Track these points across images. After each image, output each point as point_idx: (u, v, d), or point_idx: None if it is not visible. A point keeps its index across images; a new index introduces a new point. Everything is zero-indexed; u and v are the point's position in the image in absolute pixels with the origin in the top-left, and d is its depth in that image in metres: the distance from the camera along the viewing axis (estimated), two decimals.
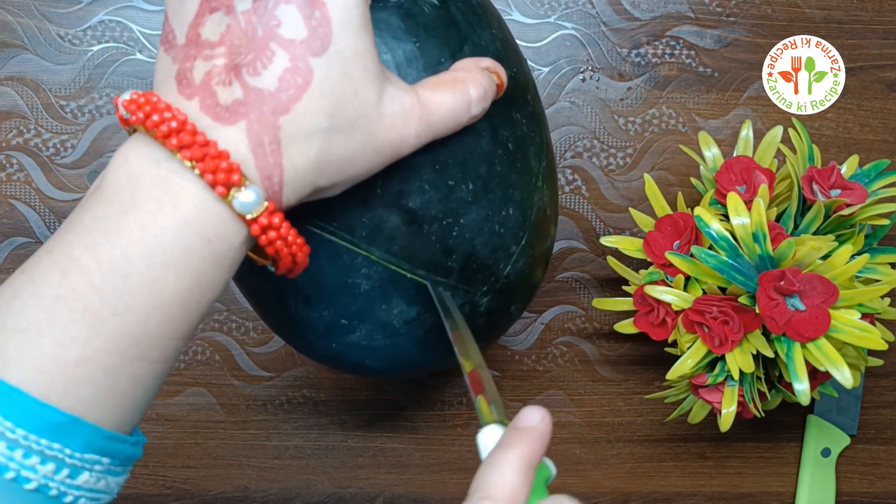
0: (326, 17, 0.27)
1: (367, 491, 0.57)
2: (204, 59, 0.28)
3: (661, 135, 0.55)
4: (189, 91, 0.28)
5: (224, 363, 0.56)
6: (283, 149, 0.27)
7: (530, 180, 0.38)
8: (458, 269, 0.37)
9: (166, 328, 0.28)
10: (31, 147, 0.54)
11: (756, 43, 0.54)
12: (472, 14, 0.36)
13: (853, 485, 0.58)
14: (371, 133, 0.29)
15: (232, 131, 0.27)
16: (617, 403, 0.57)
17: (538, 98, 0.40)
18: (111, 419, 0.28)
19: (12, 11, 0.53)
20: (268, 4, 0.27)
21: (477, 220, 0.36)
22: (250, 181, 0.27)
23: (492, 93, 0.33)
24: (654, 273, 0.49)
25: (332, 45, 0.27)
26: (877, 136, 0.55)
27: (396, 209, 0.34)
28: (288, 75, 0.27)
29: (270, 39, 0.27)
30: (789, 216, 0.47)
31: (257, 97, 0.27)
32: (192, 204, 0.27)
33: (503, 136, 0.36)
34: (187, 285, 0.27)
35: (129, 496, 0.56)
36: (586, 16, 0.54)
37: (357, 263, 0.35)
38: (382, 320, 0.37)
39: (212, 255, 0.28)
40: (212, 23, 0.28)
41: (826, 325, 0.43)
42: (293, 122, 0.27)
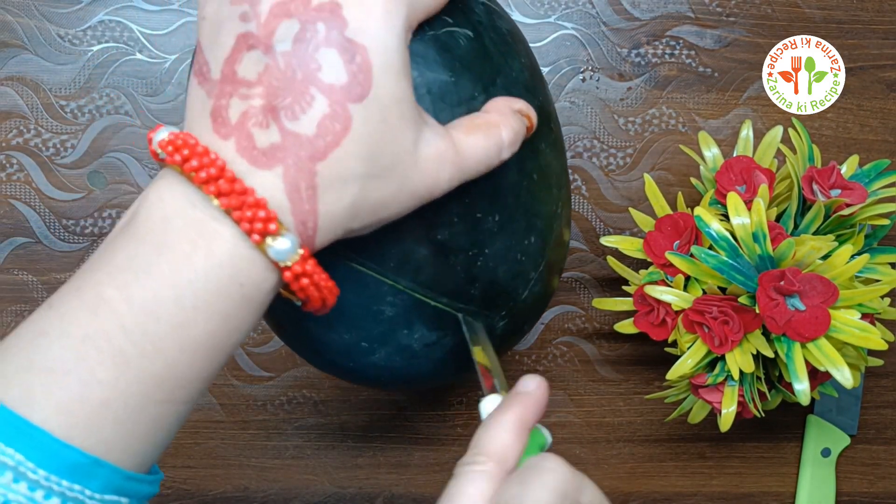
0: (367, 62, 0.27)
1: (366, 491, 0.57)
2: (241, 97, 0.27)
3: (661, 135, 0.55)
4: (225, 131, 0.27)
5: None
6: (318, 195, 0.27)
7: (552, 208, 0.38)
8: (480, 297, 0.37)
9: (193, 370, 0.28)
10: (31, 147, 0.54)
11: (756, 43, 0.54)
12: (504, 45, 0.35)
13: (853, 485, 0.58)
14: (406, 178, 0.29)
15: (269, 176, 0.27)
16: (617, 403, 0.57)
17: (558, 123, 0.40)
18: (132, 460, 0.28)
19: (12, 11, 0.53)
20: (308, 47, 0.27)
21: (501, 250, 0.36)
22: (285, 228, 0.27)
23: (521, 136, 0.33)
24: (654, 273, 0.49)
25: (371, 91, 0.27)
26: (877, 136, 0.55)
27: (426, 241, 0.34)
28: (327, 121, 0.27)
29: (310, 83, 0.27)
30: (789, 216, 0.47)
31: (295, 142, 0.27)
32: (226, 249, 0.27)
33: (529, 167, 0.36)
34: (216, 328, 0.27)
35: None
36: (586, 16, 0.54)
37: (383, 292, 0.35)
38: (403, 344, 0.37)
39: (242, 298, 0.27)
40: (249, 61, 0.27)
41: (826, 325, 0.43)
42: (330, 169, 0.27)
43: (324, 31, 0.27)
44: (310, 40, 0.27)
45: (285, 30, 0.27)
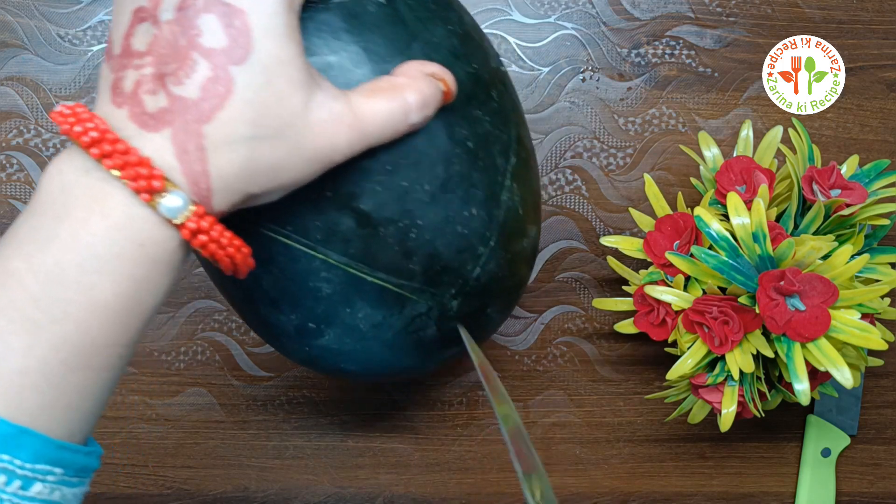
0: (246, 25, 0.28)
1: (367, 491, 0.57)
2: (134, 68, 0.29)
3: (661, 135, 0.55)
4: (120, 100, 0.29)
5: (224, 363, 0.56)
6: (208, 156, 0.28)
7: (496, 179, 0.37)
8: (421, 272, 0.36)
9: (107, 335, 0.28)
10: (31, 147, 0.54)
11: (756, 43, 0.54)
12: (425, 10, 0.35)
13: (853, 485, 0.58)
14: (298, 141, 0.29)
15: (157, 138, 0.28)
16: (617, 403, 0.57)
17: (507, 94, 0.39)
18: (60, 429, 0.28)
19: (12, 11, 0.53)
20: (188, 13, 0.28)
21: (436, 222, 0.36)
22: (177, 186, 0.28)
23: (435, 100, 0.33)
24: (654, 273, 0.49)
25: (252, 53, 0.28)
26: (877, 136, 0.55)
27: (348, 211, 0.34)
28: (209, 84, 0.28)
29: (192, 49, 0.28)
30: (789, 216, 0.47)
31: (181, 106, 0.28)
32: (121, 210, 0.27)
33: (461, 134, 0.35)
34: (125, 290, 0.28)
35: (129, 496, 0.56)
36: (586, 16, 0.54)
37: (315, 267, 0.35)
38: (349, 324, 0.37)
39: (146, 258, 0.28)
40: (141, 33, 0.29)
41: (826, 325, 0.43)
42: (216, 131, 0.28)
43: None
44: (190, 7, 0.28)
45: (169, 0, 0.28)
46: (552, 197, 0.55)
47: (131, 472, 0.56)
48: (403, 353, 0.39)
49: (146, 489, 0.56)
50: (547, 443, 0.57)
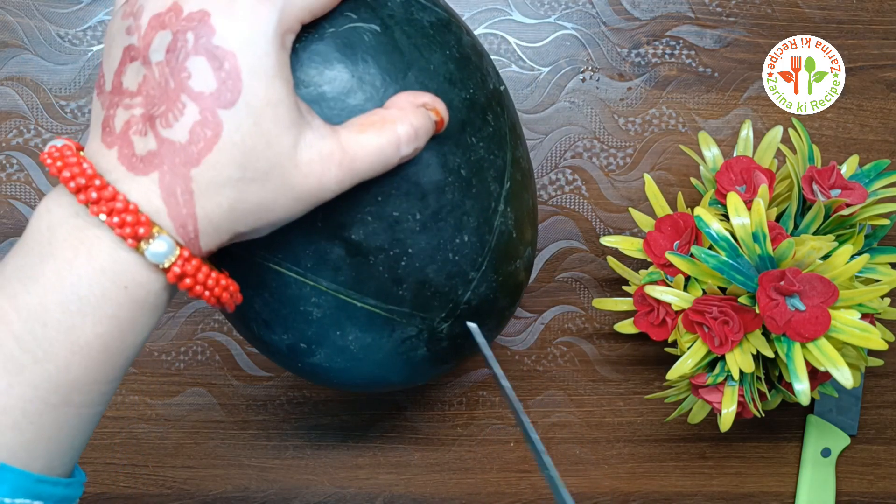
0: (236, 69, 0.27)
1: (366, 491, 0.57)
2: (124, 107, 0.29)
3: (661, 135, 0.55)
4: (110, 140, 0.29)
5: (224, 363, 0.56)
6: (195, 199, 0.28)
7: (489, 205, 0.37)
8: (411, 298, 0.36)
9: (88, 373, 0.29)
10: (31, 147, 0.54)
11: (756, 43, 0.54)
12: (422, 37, 0.35)
13: (853, 485, 0.58)
14: (287, 182, 0.29)
15: (145, 181, 0.28)
16: (617, 403, 0.57)
17: (504, 115, 0.39)
18: (39, 463, 0.28)
19: (12, 11, 0.53)
20: (178, 56, 0.28)
21: (427, 250, 0.36)
22: (163, 231, 0.28)
23: (426, 131, 0.32)
24: (654, 273, 0.49)
25: (241, 96, 0.28)
26: (877, 136, 0.55)
27: (339, 241, 0.34)
28: (198, 128, 0.28)
29: (181, 91, 0.28)
30: (789, 216, 0.47)
31: (170, 149, 0.28)
32: (107, 253, 0.28)
33: (454, 162, 0.35)
34: (106, 331, 0.28)
35: (129, 496, 0.56)
36: (586, 16, 0.54)
37: (306, 293, 0.36)
38: (339, 345, 0.37)
39: (129, 301, 0.28)
40: (131, 71, 0.29)
41: (826, 325, 0.43)
42: (204, 174, 0.28)
43: (193, 40, 0.28)
44: (180, 49, 0.28)
45: (159, 40, 0.28)
46: (552, 197, 0.55)
47: (131, 473, 0.56)
48: (394, 371, 0.39)
49: (146, 489, 0.56)
50: (547, 443, 0.57)
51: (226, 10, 0.28)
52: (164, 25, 0.28)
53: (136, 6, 0.29)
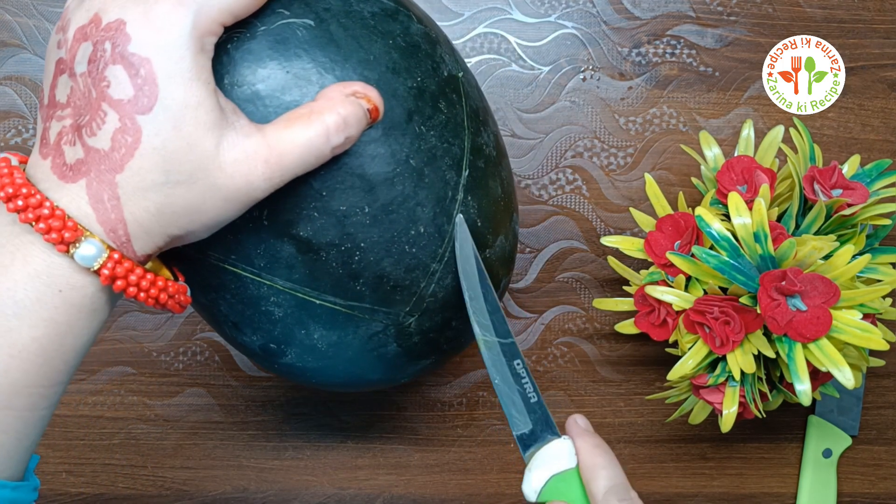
0: (152, 74, 0.28)
1: (366, 492, 0.57)
2: (57, 119, 0.30)
3: (661, 134, 0.55)
4: (45, 150, 0.30)
5: (223, 363, 0.55)
6: (122, 204, 0.29)
7: (445, 195, 0.37)
8: (370, 293, 0.36)
9: (27, 377, 0.29)
10: (29, 147, 0.54)
11: (757, 42, 0.54)
12: (362, 27, 0.35)
13: (854, 485, 0.58)
14: (213, 183, 0.29)
15: (74, 189, 0.29)
16: (618, 404, 0.57)
17: (461, 101, 0.38)
18: None
19: (11, 11, 0.53)
20: (99, 65, 0.28)
21: (381, 243, 0.35)
22: (92, 235, 0.29)
23: (356, 119, 0.32)
24: (655, 273, 0.49)
25: (158, 101, 0.28)
26: (878, 136, 0.55)
27: (287, 238, 0.34)
28: (119, 135, 0.28)
29: (102, 100, 0.28)
30: (790, 216, 0.47)
31: (95, 157, 0.29)
32: (41, 258, 0.29)
33: (401, 153, 0.35)
34: (43, 334, 0.29)
35: (128, 497, 0.56)
36: (587, 15, 0.54)
37: (264, 292, 0.36)
38: (307, 344, 0.37)
39: (65, 304, 0.29)
40: (61, 84, 0.30)
41: (827, 325, 0.43)
42: (129, 180, 0.29)
43: (110, 49, 0.28)
44: (99, 59, 0.28)
45: (83, 52, 0.29)
46: (552, 197, 0.55)
47: (130, 474, 0.56)
48: (369, 368, 0.39)
49: (145, 490, 0.56)
50: None
51: (141, 17, 0.28)
52: (87, 37, 0.29)
53: (65, 20, 0.30)
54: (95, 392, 0.55)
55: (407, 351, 0.39)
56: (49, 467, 0.56)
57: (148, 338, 0.55)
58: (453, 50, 0.40)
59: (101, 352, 0.55)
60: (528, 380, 0.38)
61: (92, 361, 0.55)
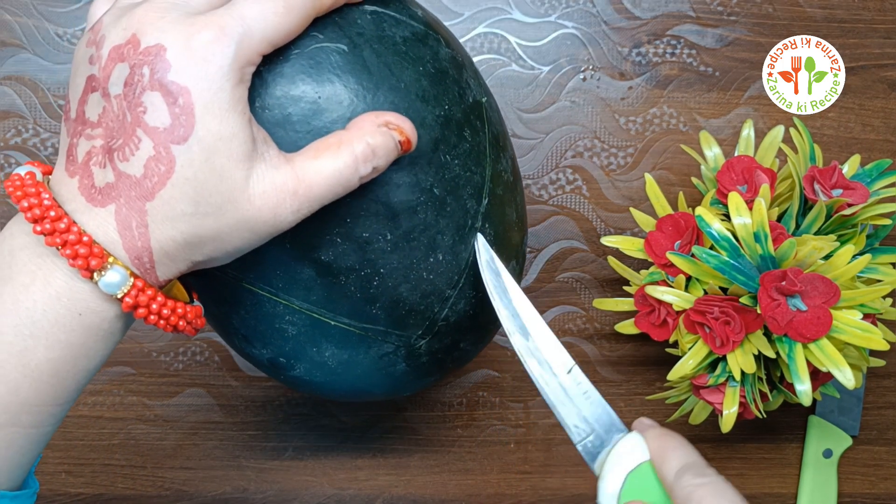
0: (189, 104, 0.28)
1: (366, 492, 0.57)
2: (86, 137, 0.29)
3: (661, 134, 0.55)
4: (73, 168, 0.30)
5: (223, 364, 0.55)
6: (150, 232, 0.29)
7: (465, 223, 0.37)
8: (385, 316, 0.36)
9: (38, 396, 0.29)
10: (29, 147, 0.54)
11: (757, 42, 0.54)
12: (393, 54, 0.34)
13: (855, 486, 0.58)
14: (241, 215, 0.29)
15: (102, 213, 0.29)
16: (618, 404, 0.57)
17: (485, 128, 0.38)
18: None
19: (11, 11, 0.53)
20: (136, 90, 0.28)
21: (399, 269, 0.35)
22: (117, 262, 0.29)
23: (386, 150, 0.32)
24: (655, 273, 0.49)
25: (194, 132, 0.28)
26: (878, 136, 0.55)
27: (309, 262, 0.34)
28: (152, 163, 0.28)
29: (137, 126, 0.28)
30: (791, 216, 0.47)
31: (126, 183, 0.28)
32: (62, 281, 0.29)
33: (426, 182, 0.35)
34: (58, 355, 0.29)
35: (127, 497, 0.56)
36: (587, 15, 0.54)
37: (280, 311, 0.36)
38: (317, 361, 0.37)
39: (83, 327, 0.29)
40: (93, 102, 0.29)
41: (828, 325, 0.43)
42: (158, 208, 0.28)
43: (148, 75, 0.28)
44: (137, 84, 0.28)
45: (118, 73, 0.28)
46: (552, 197, 0.55)
47: (129, 474, 0.56)
48: (375, 384, 0.39)
49: (144, 490, 0.56)
50: (548, 444, 0.57)
51: (182, 44, 0.28)
52: (123, 58, 0.28)
53: (98, 35, 0.30)
54: (95, 392, 0.55)
55: (414, 370, 0.39)
56: (48, 468, 0.55)
57: (148, 338, 0.55)
58: (476, 73, 0.40)
59: None
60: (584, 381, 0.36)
61: None
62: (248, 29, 0.28)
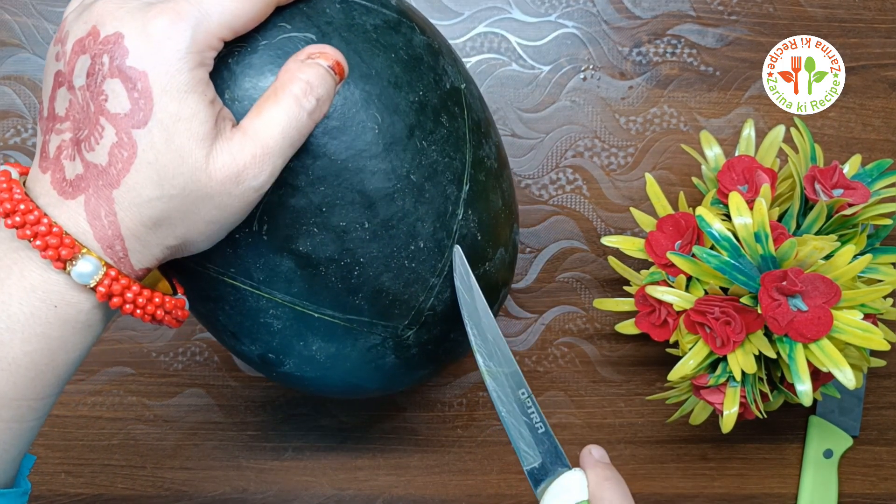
0: (147, 88, 0.28)
1: (366, 493, 0.57)
2: (56, 132, 0.30)
3: (662, 134, 0.55)
4: (45, 164, 0.30)
5: (222, 364, 0.55)
6: (119, 220, 0.29)
7: (446, 209, 0.36)
8: (369, 307, 0.36)
9: (16, 390, 0.29)
10: (28, 147, 0.53)
11: (758, 42, 0.54)
12: (364, 41, 0.34)
13: (855, 486, 0.58)
14: (205, 192, 0.29)
15: (73, 205, 0.29)
16: (618, 404, 0.56)
17: (464, 114, 0.38)
18: None
19: (10, 10, 0.53)
20: (97, 79, 0.28)
21: (380, 258, 0.35)
22: (89, 252, 0.29)
23: (320, 78, 0.31)
24: (656, 273, 0.49)
25: (153, 115, 0.28)
26: (879, 136, 0.55)
27: (287, 253, 0.34)
28: (115, 150, 0.28)
29: (100, 114, 0.28)
30: (791, 216, 0.47)
31: (93, 172, 0.29)
32: (37, 274, 0.29)
33: (402, 168, 0.35)
34: (35, 349, 0.29)
35: (127, 498, 0.56)
36: (587, 14, 0.54)
37: (263, 305, 0.36)
38: (305, 355, 0.37)
39: (59, 319, 0.29)
40: (60, 97, 0.30)
41: (828, 325, 0.43)
42: (125, 195, 0.29)
43: (108, 63, 0.28)
44: (98, 73, 0.28)
45: (81, 65, 0.29)
46: (553, 196, 0.55)
47: (129, 474, 0.56)
48: (367, 379, 0.39)
49: (144, 490, 0.56)
50: None
51: (139, 31, 0.28)
52: (85, 50, 0.29)
53: (63, 32, 0.30)
54: (94, 392, 0.55)
55: (405, 362, 0.39)
56: (48, 468, 0.55)
57: (147, 338, 0.55)
58: (456, 60, 0.39)
59: (100, 352, 0.55)
60: (534, 410, 0.38)
61: (91, 362, 0.55)
62: (204, 14, 0.29)
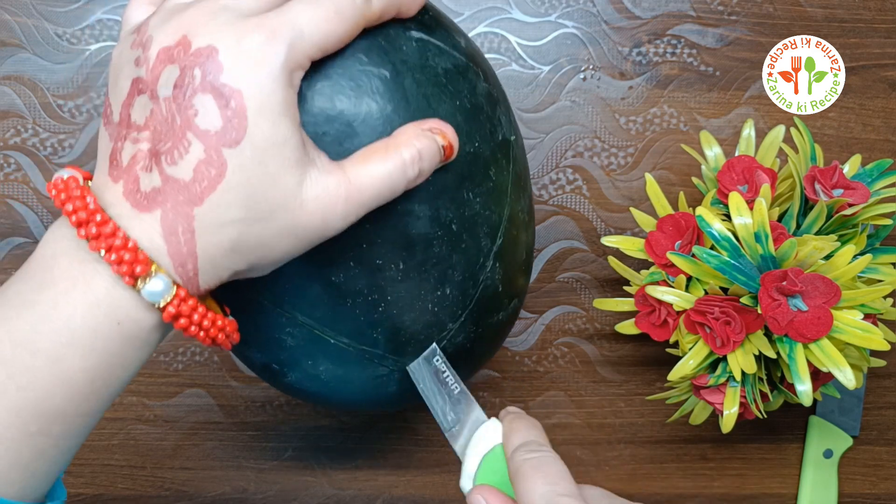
0: (242, 107, 0.27)
1: (366, 492, 0.57)
2: (132, 141, 0.28)
3: (662, 134, 0.55)
4: (116, 173, 0.29)
5: (223, 364, 0.55)
6: (196, 238, 0.28)
7: (477, 261, 0.37)
8: (385, 341, 0.37)
9: (71, 405, 0.28)
10: (28, 146, 0.53)
11: (758, 42, 0.54)
12: (433, 85, 0.34)
13: (855, 486, 0.58)
14: (291, 221, 0.29)
15: (148, 219, 0.28)
16: (618, 404, 0.56)
17: (509, 166, 0.38)
18: (13, 489, 0.28)
19: (10, 10, 0.53)
20: (186, 92, 0.27)
21: (406, 298, 0.35)
22: (161, 269, 0.28)
23: (430, 153, 0.31)
24: (656, 273, 0.49)
25: (246, 136, 0.27)
26: (879, 136, 0.55)
27: (319, 280, 0.34)
28: (202, 167, 0.27)
29: (187, 129, 0.27)
30: (791, 216, 0.47)
31: (174, 187, 0.27)
32: (104, 288, 0.28)
33: (446, 217, 0.35)
34: (94, 364, 0.28)
35: (127, 498, 0.56)
36: (587, 14, 0.54)
37: (281, 322, 0.36)
38: (310, 373, 0.38)
39: (121, 336, 0.28)
40: (139, 105, 0.29)
41: (828, 325, 0.43)
42: (207, 214, 0.28)
43: (200, 77, 0.27)
44: (187, 86, 0.27)
45: (167, 75, 0.28)
46: (553, 197, 0.55)
47: (129, 474, 0.56)
48: (366, 401, 0.40)
49: (144, 491, 0.56)
50: None
51: (234, 46, 0.27)
52: (173, 60, 0.28)
53: (145, 36, 0.29)
54: None
55: (405, 391, 0.40)
56: None
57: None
58: (508, 109, 0.39)
59: None
60: (448, 373, 0.37)
61: None
62: (299, 33, 0.28)
